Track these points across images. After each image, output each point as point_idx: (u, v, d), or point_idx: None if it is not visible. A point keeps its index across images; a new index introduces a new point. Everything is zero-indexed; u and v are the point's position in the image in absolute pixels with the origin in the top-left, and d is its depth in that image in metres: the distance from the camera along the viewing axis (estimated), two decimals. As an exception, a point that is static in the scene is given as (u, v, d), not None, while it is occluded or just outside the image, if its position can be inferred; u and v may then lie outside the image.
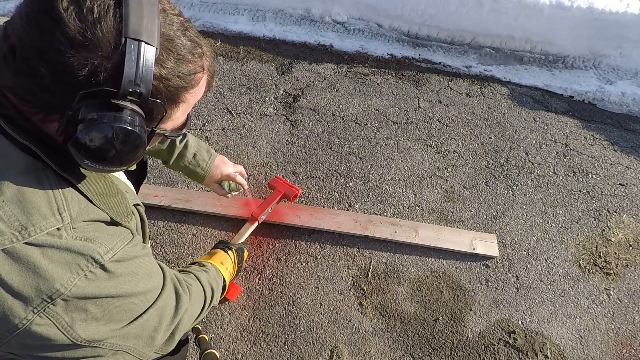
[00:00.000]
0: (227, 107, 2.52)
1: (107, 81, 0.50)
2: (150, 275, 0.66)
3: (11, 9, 3.00)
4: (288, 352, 1.67)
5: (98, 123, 0.51)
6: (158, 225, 1.97)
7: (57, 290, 0.52)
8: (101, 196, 0.62)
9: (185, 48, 0.57)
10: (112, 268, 0.56)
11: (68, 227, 0.54)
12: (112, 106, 0.52)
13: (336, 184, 2.22)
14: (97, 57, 0.49)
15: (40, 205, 0.53)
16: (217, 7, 3.31)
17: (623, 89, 3.00)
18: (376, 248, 1.99)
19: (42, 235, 0.52)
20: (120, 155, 0.55)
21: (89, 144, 0.52)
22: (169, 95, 0.58)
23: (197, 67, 0.60)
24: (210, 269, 1.01)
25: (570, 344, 1.80)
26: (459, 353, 1.73)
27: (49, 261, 0.52)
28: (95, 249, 0.55)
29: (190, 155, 1.18)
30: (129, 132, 0.53)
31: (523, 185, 2.34)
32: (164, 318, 0.68)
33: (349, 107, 2.63)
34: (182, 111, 0.63)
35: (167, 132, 0.64)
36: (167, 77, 0.56)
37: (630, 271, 2.05)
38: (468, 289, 1.91)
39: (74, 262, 0.53)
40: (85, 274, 0.54)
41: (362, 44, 3.14)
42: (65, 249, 0.53)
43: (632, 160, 2.56)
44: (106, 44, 0.49)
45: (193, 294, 0.80)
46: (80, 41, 0.48)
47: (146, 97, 0.53)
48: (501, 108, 2.77)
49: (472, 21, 3.15)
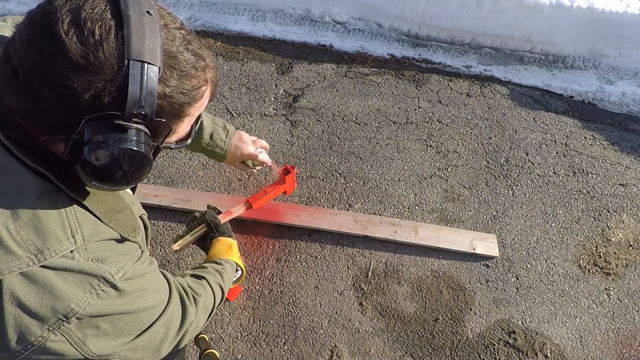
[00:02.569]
0: (227, 107, 2.53)
1: (111, 104, 0.50)
2: (157, 289, 0.67)
3: (11, 9, 3.00)
4: (288, 352, 1.67)
5: (104, 144, 0.51)
6: (158, 225, 1.97)
7: (72, 310, 0.54)
8: (110, 213, 0.63)
9: (189, 63, 0.57)
10: (123, 286, 0.58)
11: (81, 249, 0.56)
12: (117, 127, 0.52)
13: (336, 184, 2.22)
14: (100, 81, 0.49)
15: (55, 229, 0.54)
16: (217, 7, 3.31)
17: (623, 89, 3.00)
18: (376, 248, 1.99)
19: (57, 259, 0.54)
20: (127, 175, 0.56)
21: (96, 165, 0.52)
22: (174, 112, 0.57)
23: (201, 82, 0.59)
24: (227, 269, 1.00)
25: (570, 344, 1.80)
26: (459, 353, 1.73)
27: (63, 282, 0.54)
28: (107, 270, 0.57)
29: (207, 136, 1.14)
30: (136, 153, 0.53)
31: (523, 185, 2.34)
32: (170, 330, 0.70)
33: (349, 107, 2.63)
34: (186, 124, 0.63)
35: (172, 144, 0.65)
36: (170, 95, 0.55)
37: (630, 271, 2.05)
38: (468, 289, 1.91)
39: (87, 282, 0.55)
40: (97, 292, 0.56)
41: (362, 44, 3.13)
42: (78, 271, 0.55)
43: (632, 160, 2.56)
44: (109, 67, 0.49)
45: (200, 306, 0.81)
46: (82, 65, 0.48)
47: (151, 118, 0.53)
48: (501, 108, 2.77)
49: (472, 21, 3.15)
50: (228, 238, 1.11)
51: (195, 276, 0.91)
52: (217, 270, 0.96)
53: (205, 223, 1.14)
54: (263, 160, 1.25)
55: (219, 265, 1.00)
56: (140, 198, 1.94)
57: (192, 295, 0.80)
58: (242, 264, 1.09)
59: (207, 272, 0.94)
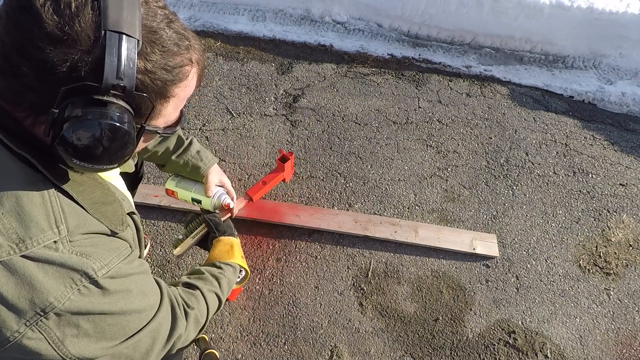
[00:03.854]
0: (227, 107, 2.52)
1: (88, 76, 0.49)
2: (145, 293, 0.65)
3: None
4: (288, 352, 1.67)
5: (83, 120, 0.50)
6: (158, 225, 1.97)
7: (51, 304, 0.51)
8: (97, 205, 0.61)
9: (171, 40, 0.56)
10: (106, 284, 0.56)
11: (65, 240, 0.54)
12: (97, 102, 0.51)
13: (336, 184, 2.22)
14: (77, 52, 0.48)
15: (39, 218, 0.53)
16: (217, 7, 3.31)
17: (623, 89, 3.00)
18: (376, 248, 1.99)
19: (39, 249, 0.52)
20: (110, 152, 0.54)
21: (76, 142, 0.51)
22: (157, 89, 0.56)
23: (185, 60, 0.59)
24: (227, 274, 0.96)
25: (570, 344, 1.80)
26: (459, 353, 1.73)
27: (44, 274, 0.52)
28: (90, 265, 0.55)
29: (194, 151, 1.16)
30: (116, 128, 0.52)
31: (523, 185, 2.34)
32: (158, 340, 0.67)
33: (349, 107, 2.63)
34: (173, 107, 0.62)
35: (160, 129, 0.63)
36: (152, 71, 0.54)
37: (630, 271, 2.05)
38: (468, 289, 1.91)
39: (68, 276, 0.53)
40: (78, 288, 0.54)
41: (362, 44, 3.14)
42: (60, 264, 0.53)
43: (632, 160, 2.56)
44: (85, 38, 0.48)
45: (191, 319, 0.77)
46: (58, 36, 0.47)
47: (130, 91, 0.52)
48: (501, 108, 2.77)
49: (472, 21, 3.15)
50: (229, 237, 1.08)
51: (189, 285, 0.87)
52: (215, 277, 0.92)
53: (204, 223, 1.11)
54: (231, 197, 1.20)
55: (218, 270, 0.96)
56: (140, 198, 1.94)
57: (184, 306, 0.77)
58: (245, 265, 1.05)
59: (202, 279, 0.90)
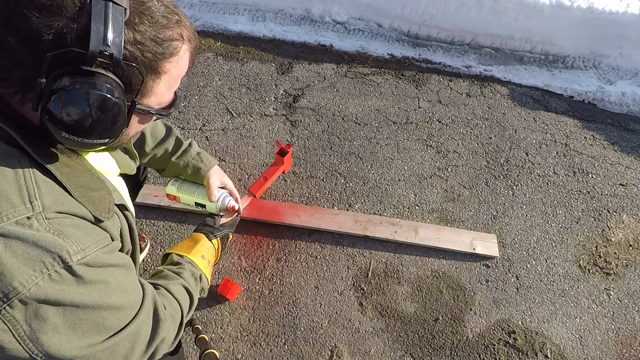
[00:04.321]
0: (227, 107, 2.52)
1: (74, 43, 0.48)
2: (124, 289, 0.60)
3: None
4: (288, 352, 1.67)
5: (71, 90, 0.49)
6: (158, 225, 1.97)
7: (15, 289, 0.47)
8: (83, 189, 0.58)
9: (159, 12, 0.55)
10: (80, 272, 0.52)
11: (40, 216, 0.51)
12: (85, 72, 0.50)
13: (336, 184, 2.22)
14: (62, 19, 0.47)
15: (10, 192, 0.50)
16: (217, 7, 3.31)
17: (623, 89, 3.00)
18: (376, 248, 1.99)
19: (9, 224, 0.48)
20: (99, 125, 0.53)
21: (64, 114, 0.50)
22: (147, 62, 0.55)
23: (175, 34, 0.58)
24: (187, 268, 0.91)
25: (570, 344, 1.80)
26: (459, 353, 1.73)
27: (11, 255, 0.47)
28: (65, 247, 0.51)
29: (194, 152, 1.17)
30: (105, 99, 0.51)
31: (523, 185, 2.34)
32: (137, 345, 0.62)
33: (349, 107, 2.63)
34: (165, 85, 0.61)
35: (153, 109, 0.62)
36: (141, 42, 0.53)
37: (630, 271, 2.05)
38: (468, 289, 1.91)
39: (38, 258, 0.49)
40: (49, 273, 0.49)
41: (362, 44, 3.13)
42: (32, 243, 0.49)
43: (632, 160, 2.56)
44: (70, 5, 0.48)
45: (169, 318, 0.72)
46: (43, 3, 0.47)
47: (118, 61, 0.50)
48: (501, 108, 2.77)
49: (472, 21, 3.15)
50: (201, 234, 1.05)
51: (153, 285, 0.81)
52: (175, 272, 0.88)
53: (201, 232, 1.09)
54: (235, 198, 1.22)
55: (177, 266, 0.91)
56: (140, 198, 1.94)
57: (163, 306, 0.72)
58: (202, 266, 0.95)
59: (163, 277, 0.86)
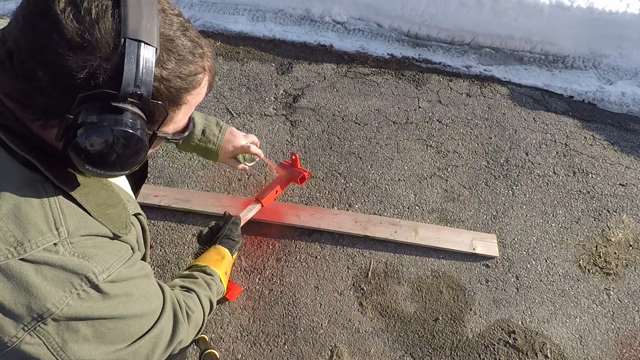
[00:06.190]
0: (227, 107, 2.52)
1: (106, 83, 0.49)
2: (147, 297, 0.64)
3: (11, 9, 3.00)
4: (288, 352, 1.67)
5: (98, 126, 0.50)
6: (158, 225, 1.97)
7: (48, 310, 0.50)
8: (101, 207, 0.60)
9: (186, 48, 0.56)
10: (106, 289, 0.55)
11: (65, 242, 0.53)
12: (113, 109, 0.51)
13: (336, 184, 2.22)
14: (95, 59, 0.48)
15: (37, 220, 0.52)
16: (217, 7, 3.31)
17: (623, 89, 3.00)
18: (376, 248, 1.99)
19: (38, 251, 0.51)
20: (122, 159, 0.54)
21: (90, 148, 0.51)
22: (170, 96, 0.57)
23: (198, 68, 0.59)
24: (216, 281, 0.97)
25: (570, 344, 1.80)
26: (459, 353, 1.73)
27: (42, 279, 0.50)
28: (91, 268, 0.54)
29: (198, 132, 1.15)
30: (130, 136, 0.52)
31: (523, 185, 2.34)
32: (158, 346, 0.66)
33: (349, 107, 2.63)
34: (183, 113, 0.62)
35: (169, 135, 0.63)
36: (168, 78, 0.55)
37: (630, 271, 2.05)
38: (468, 289, 1.91)
39: (67, 280, 0.52)
40: (78, 292, 0.52)
41: (362, 44, 3.13)
42: (60, 267, 0.52)
43: (632, 160, 2.56)
44: (105, 45, 0.48)
45: (192, 324, 0.77)
46: (78, 43, 0.47)
47: (147, 99, 0.52)
48: (501, 108, 2.77)
49: (472, 21, 3.15)
50: (225, 249, 1.11)
51: (186, 288, 0.87)
52: (207, 282, 0.94)
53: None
54: (255, 152, 1.26)
55: (210, 277, 0.97)
56: (140, 198, 1.94)
57: (187, 310, 0.77)
58: (224, 281, 1.04)
59: (197, 284, 0.91)
